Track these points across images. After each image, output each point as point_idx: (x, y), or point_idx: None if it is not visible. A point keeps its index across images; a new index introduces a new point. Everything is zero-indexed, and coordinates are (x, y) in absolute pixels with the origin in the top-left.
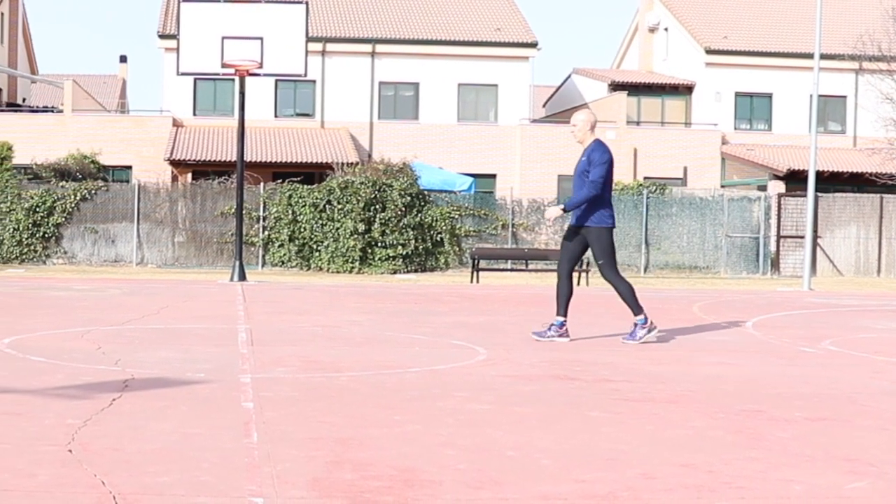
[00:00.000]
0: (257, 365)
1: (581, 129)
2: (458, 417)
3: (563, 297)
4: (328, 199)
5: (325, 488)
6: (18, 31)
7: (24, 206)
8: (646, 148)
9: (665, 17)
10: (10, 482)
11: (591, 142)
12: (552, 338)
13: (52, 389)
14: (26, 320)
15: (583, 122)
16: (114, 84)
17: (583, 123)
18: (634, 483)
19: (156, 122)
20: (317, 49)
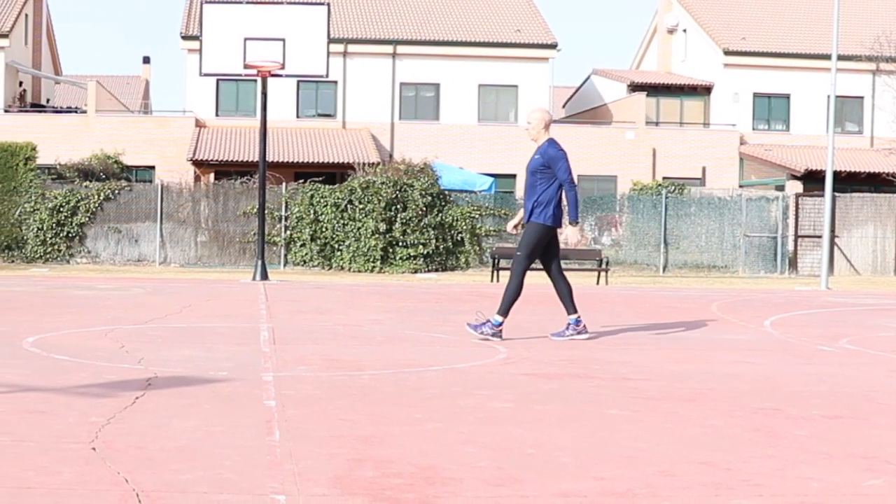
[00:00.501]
0: (279, 363)
1: (535, 126)
2: (478, 415)
3: (565, 295)
4: (350, 198)
5: (347, 486)
6: (42, 32)
7: (48, 206)
8: (665, 148)
9: (684, 18)
10: (35, 480)
11: (544, 140)
12: (571, 337)
13: (76, 388)
14: (50, 319)
15: (537, 121)
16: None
17: (537, 122)
18: (653, 480)
19: (179, 122)
20: (338, 50)
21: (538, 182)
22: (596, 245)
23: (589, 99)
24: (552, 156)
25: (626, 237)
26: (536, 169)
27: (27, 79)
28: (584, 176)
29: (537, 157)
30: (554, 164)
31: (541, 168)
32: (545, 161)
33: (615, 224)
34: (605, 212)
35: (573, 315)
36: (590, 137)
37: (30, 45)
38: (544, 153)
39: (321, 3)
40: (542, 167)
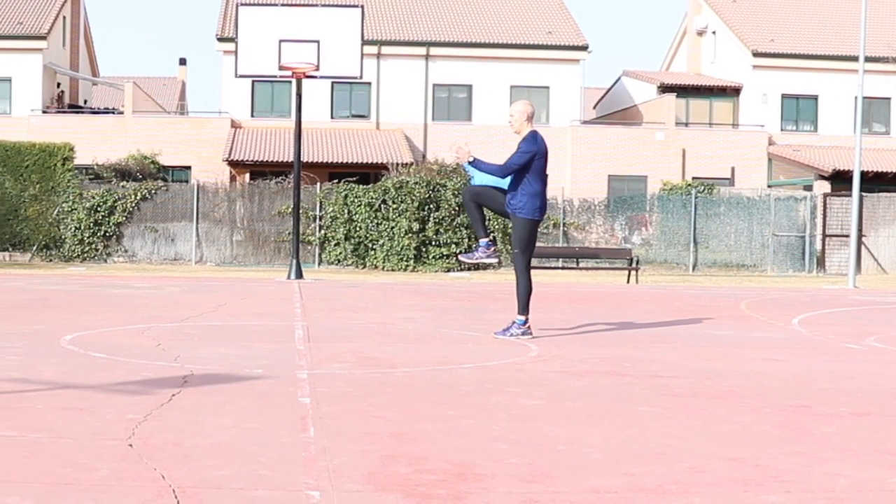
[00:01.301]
0: (314, 361)
1: (518, 119)
2: (510, 412)
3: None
4: (383, 198)
5: (381, 482)
6: (80, 34)
7: (85, 206)
8: (694, 149)
9: (713, 20)
10: (73, 476)
11: (527, 132)
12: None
13: (113, 385)
14: (88, 317)
15: (519, 113)
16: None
17: (519, 114)
18: (683, 477)
19: (214, 123)
20: (372, 52)
21: (518, 173)
22: (626, 244)
23: (619, 100)
24: (521, 148)
25: (656, 236)
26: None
27: (65, 80)
28: (615, 176)
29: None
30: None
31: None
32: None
33: (645, 223)
34: (635, 211)
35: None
36: (620, 138)
37: (67, 47)
38: (519, 144)
39: (355, 6)
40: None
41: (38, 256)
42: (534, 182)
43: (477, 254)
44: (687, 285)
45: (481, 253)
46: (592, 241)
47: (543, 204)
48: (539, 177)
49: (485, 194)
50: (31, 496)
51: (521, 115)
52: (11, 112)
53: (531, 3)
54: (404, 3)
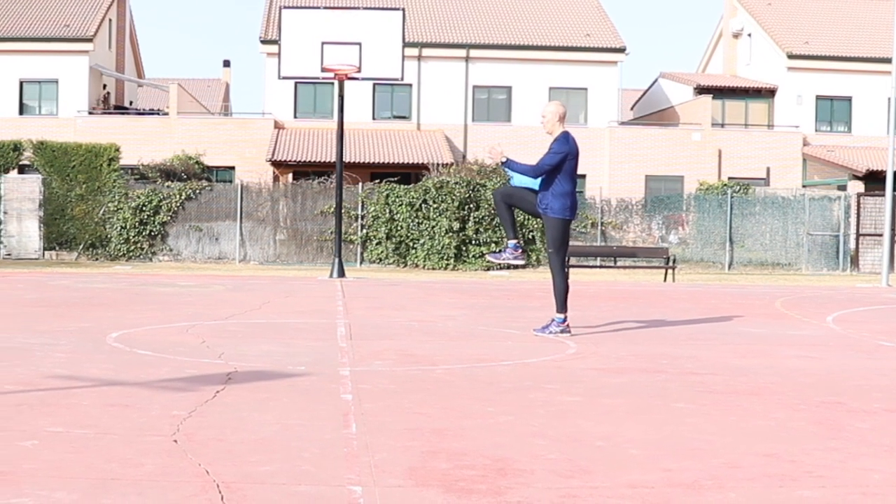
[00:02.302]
0: (356, 358)
1: (550, 120)
2: (548, 409)
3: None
4: (424, 198)
5: (422, 477)
6: (126, 36)
7: (131, 206)
8: (730, 149)
9: (749, 23)
10: (118, 471)
11: (559, 133)
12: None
13: (158, 382)
14: (133, 315)
15: (551, 114)
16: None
17: (551, 115)
18: (719, 472)
19: (258, 124)
20: (413, 54)
21: (555, 173)
22: (663, 243)
23: (656, 101)
24: (553, 148)
25: (692, 235)
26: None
27: (111, 82)
28: (652, 176)
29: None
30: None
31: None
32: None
33: (682, 223)
34: (672, 211)
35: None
36: (657, 139)
37: (113, 50)
38: (551, 145)
39: (396, 9)
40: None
41: (84, 255)
42: (564, 182)
43: (504, 254)
44: (723, 284)
45: (508, 254)
46: (630, 241)
47: (574, 203)
48: (570, 177)
49: (515, 195)
50: (77, 491)
51: (554, 115)
52: (58, 113)
53: (570, 6)
54: (445, 5)
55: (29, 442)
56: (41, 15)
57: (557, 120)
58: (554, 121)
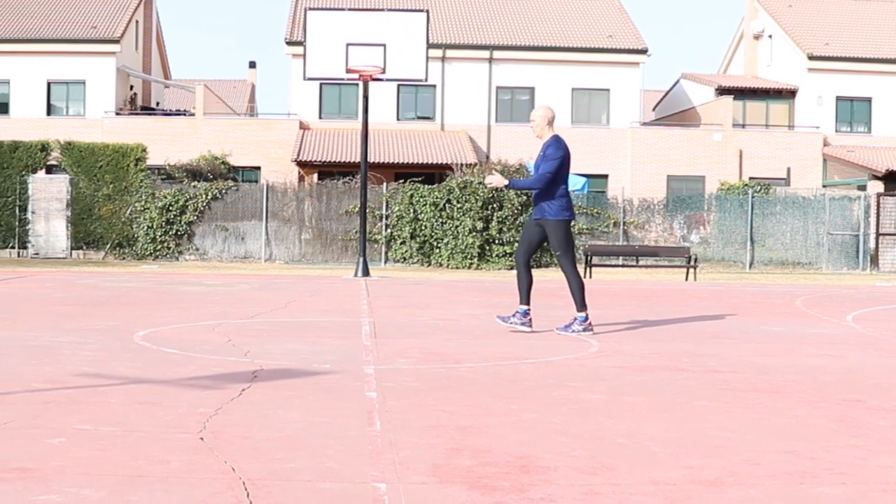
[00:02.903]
0: (380, 356)
1: (539, 124)
2: (571, 406)
3: (524, 285)
4: (448, 198)
5: (445, 474)
6: (152, 37)
7: (157, 205)
8: (751, 150)
9: (769, 24)
10: (145, 468)
11: (549, 137)
12: (514, 325)
13: (185, 380)
14: (160, 314)
15: (541, 118)
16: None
17: (541, 119)
18: (740, 469)
19: (283, 124)
20: (437, 55)
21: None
22: (685, 243)
23: (678, 102)
24: (549, 154)
25: (713, 235)
26: (540, 165)
27: (138, 83)
28: (674, 176)
29: (541, 153)
30: (546, 161)
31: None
32: (546, 156)
33: (703, 222)
34: (693, 211)
35: (524, 306)
36: (679, 139)
37: (140, 51)
38: (546, 148)
39: (421, 10)
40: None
41: (111, 254)
42: (558, 185)
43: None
44: (744, 283)
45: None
46: (652, 240)
47: (570, 204)
48: (563, 179)
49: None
50: (105, 488)
51: (543, 119)
52: (86, 114)
53: (592, 8)
54: (469, 7)
55: (57, 439)
56: (69, 17)
57: (547, 124)
58: (543, 125)
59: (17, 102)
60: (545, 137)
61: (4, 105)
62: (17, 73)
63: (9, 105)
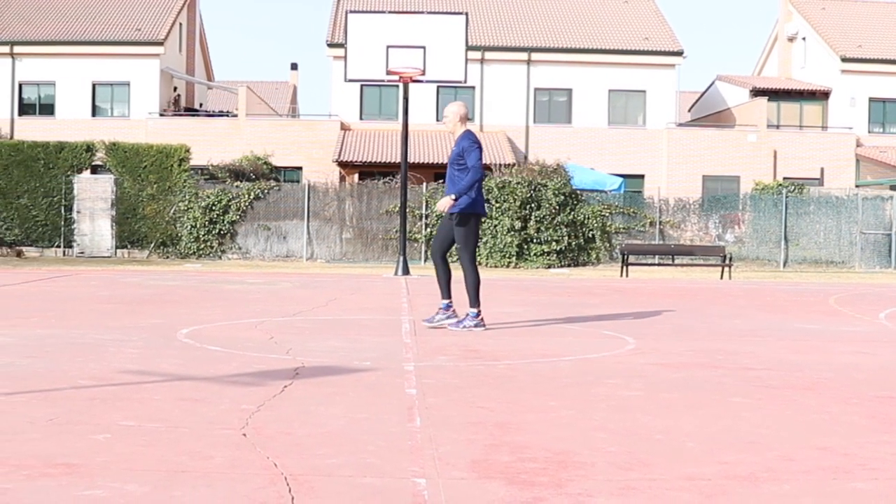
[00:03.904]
0: (420, 354)
1: (451, 120)
2: (609, 403)
3: (444, 280)
4: (486, 198)
5: (484, 469)
6: (196, 40)
7: (201, 205)
8: (785, 150)
9: (803, 27)
10: (189, 464)
11: (461, 132)
12: (440, 322)
13: (228, 377)
14: (203, 312)
15: (453, 114)
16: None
17: (453, 115)
18: (774, 464)
19: (325, 125)
20: (476, 57)
21: (457, 172)
22: (720, 242)
23: (713, 103)
24: (465, 146)
25: (748, 234)
26: (455, 160)
27: (181, 84)
28: (709, 176)
29: (455, 149)
30: (467, 153)
31: (458, 159)
32: (460, 151)
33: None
34: (728, 210)
35: (445, 300)
36: (714, 140)
37: (184, 53)
38: (459, 144)
39: (460, 13)
40: (459, 157)
41: (155, 253)
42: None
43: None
44: (778, 281)
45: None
46: (687, 239)
47: (481, 199)
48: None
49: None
50: (149, 483)
51: (455, 115)
52: (130, 115)
53: (629, 11)
54: (507, 10)
55: (102, 435)
56: (113, 19)
57: (459, 120)
58: (455, 120)
59: (62, 104)
60: (457, 133)
61: (50, 106)
62: (62, 74)
63: (55, 106)
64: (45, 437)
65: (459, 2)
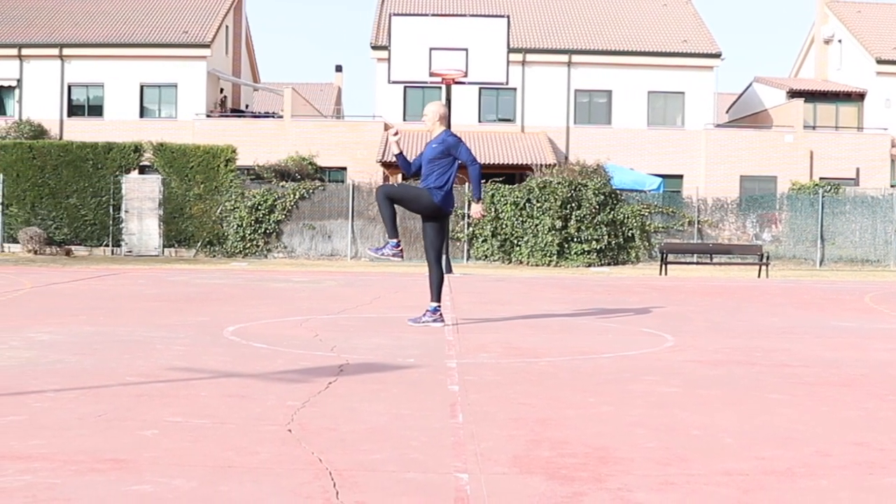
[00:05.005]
0: (462, 351)
1: (431, 119)
2: (647, 399)
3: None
4: (528, 197)
5: (525, 465)
6: (242, 42)
7: (247, 205)
8: (821, 151)
9: (839, 29)
10: (235, 459)
11: (440, 132)
12: (426, 323)
13: (273, 374)
14: (249, 310)
15: (433, 114)
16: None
17: (432, 115)
18: (810, 460)
19: (368, 126)
20: (517, 59)
21: (435, 169)
22: (757, 241)
23: (750, 105)
24: (451, 143)
25: (785, 233)
26: (434, 157)
27: (228, 86)
28: (747, 176)
29: (435, 145)
30: (455, 148)
31: (439, 156)
32: (445, 149)
33: (775, 221)
34: (765, 210)
35: (435, 304)
36: (751, 140)
37: (230, 55)
38: (443, 141)
39: (501, 16)
40: (441, 155)
41: (202, 252)
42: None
43: (385, 249)
44: (814, 279)
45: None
46: (725, 238)
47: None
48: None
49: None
50: (196, 478)
51: (434, 115)
52: (177, 116)
53: (667, 13)
54: (548, 13)
55: (149, 431)
56: (161, 22)
57: (437, 120)
58: (434, 120)
59: (111, 105)
60: (435, 133)
61: (99, 107)
62: (111, 76)
63: (103, 107)
64: (94, 432)
65: (501, 5)
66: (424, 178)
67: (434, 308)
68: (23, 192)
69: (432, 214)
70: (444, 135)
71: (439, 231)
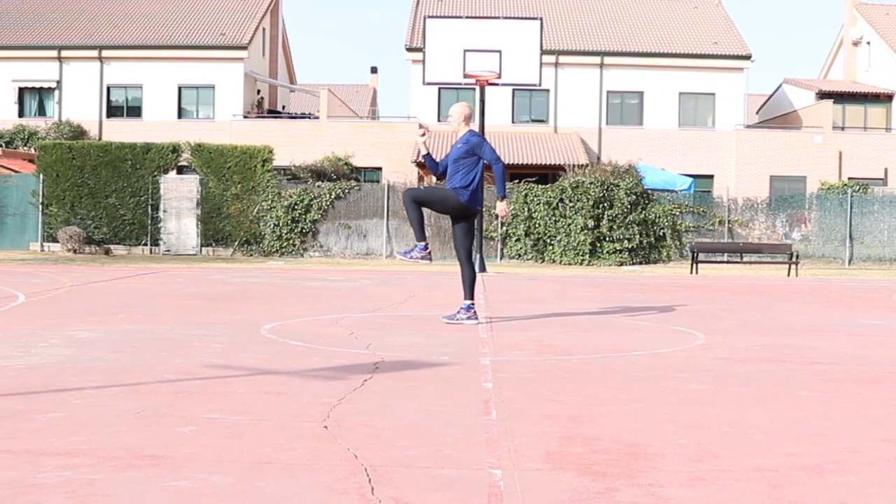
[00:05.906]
0: (496, 348)
1: (456, 119)
2: (678, 396)
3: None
4: (561, 197)
5: (558, 461)
6: (279, 44)
7: (283, 204)
8: (850, 151)
9: (868, 31)
10: (272, 455)
11: (465, 132)
12: (460, 320)
13: (309, 371)
14: (285, 308)
15: (458, 114)
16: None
17: (458, 115)
18: (840, 456)
19: (403, 127)
20: (550, 61)
21: (461, 169)
22: (787, 240)
23: (780, 106)
24: (475, 143)
25: (814, 233)
26: (459, 157)
27: (264, 87)
28: (776, 176)
29: (460, 145)
30: (479, 148)
31: (464, 155)
32: (469, 148)
33: (805, 221)
34: (795, 209)
35: (469, 301)
36: (781, 141)
37: (267, 57)
38: (467, 141)
39: (534, 18)
40: (466, 154)
41: (239, 251)
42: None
43: (413, 253)
44: (843, 278)
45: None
46: (755, 237)
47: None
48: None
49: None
50: (233, 474)
51: (460, 116)
52: (215, 117)
53: (698, 16)
54: (580, 15)
55: (187, 427)
56: (199, 24)
57: (462, 120)
58: (459, 120)
59: (149, 106)
60: (460, 133)
61: (138, 108)
62: (149, 78)
63: (142, 109)
64: (133, 429)
65: (534, 7)
66: (450, 178)
67: (468, 305)
68: (62, 192)
69: (460, 214)
70: (469, 135)
71: (468, 231)
